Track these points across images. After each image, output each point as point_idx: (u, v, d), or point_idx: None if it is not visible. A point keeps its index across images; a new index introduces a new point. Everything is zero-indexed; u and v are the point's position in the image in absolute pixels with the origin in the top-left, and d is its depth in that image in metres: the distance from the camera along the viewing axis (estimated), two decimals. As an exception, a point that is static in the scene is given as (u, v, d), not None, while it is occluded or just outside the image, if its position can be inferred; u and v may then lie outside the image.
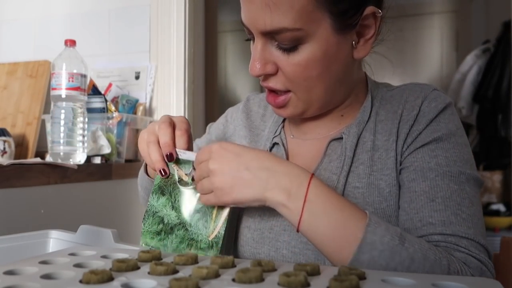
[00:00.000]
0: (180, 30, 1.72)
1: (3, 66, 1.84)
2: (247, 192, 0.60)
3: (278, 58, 0.64)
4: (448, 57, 3.71)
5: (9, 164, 1.11)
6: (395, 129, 0.69)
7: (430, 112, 0.68)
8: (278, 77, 0.66)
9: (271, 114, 0.84)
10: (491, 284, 0.44)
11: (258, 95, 0.90)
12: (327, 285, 0.42)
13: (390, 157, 0.68)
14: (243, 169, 0.60)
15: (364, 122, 0.72)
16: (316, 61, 0.63)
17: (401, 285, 0.43)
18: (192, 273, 0.44)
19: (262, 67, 0.65)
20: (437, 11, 3.74)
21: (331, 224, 0.57)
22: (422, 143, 0.67)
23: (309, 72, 0.64)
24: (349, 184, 0.68)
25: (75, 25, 1.87)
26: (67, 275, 0.45)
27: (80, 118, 1.36)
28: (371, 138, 0.70)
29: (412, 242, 0.57)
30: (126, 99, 1.66)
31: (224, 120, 0.90)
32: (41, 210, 1.21)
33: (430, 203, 0.63)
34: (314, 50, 0.63)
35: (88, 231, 0.70)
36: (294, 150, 0.77)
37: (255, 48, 0.65)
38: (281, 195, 0.58)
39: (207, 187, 0.63)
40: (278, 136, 0.78)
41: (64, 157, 1.33)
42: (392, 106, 0.72)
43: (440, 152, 0.66)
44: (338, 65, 0.66)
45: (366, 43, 0.67)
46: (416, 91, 0.71)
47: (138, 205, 1.63)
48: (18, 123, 1.69)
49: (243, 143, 0.83)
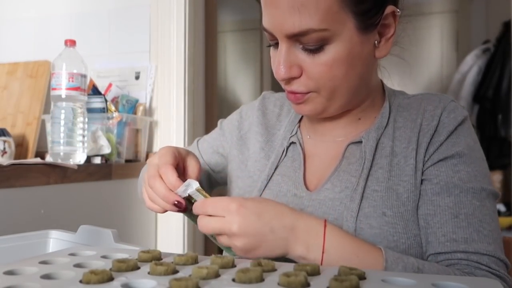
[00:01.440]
0: (180, 30, 1.72)
1: (3, 66, 1.84)
2: (271, 252, 0.60)
3: (303, 60, 0.65)
4: (448, 57, 3.71)
5: (9, 164, 1.11)
6: (415, 138, 0.71)
7: (449, 123, 0.70)
8: (302, 80, 0.67)
9: (287, 113, 0.84)
10: (491, 284, 0.44)
11: (273, 94, 0.90)
12: (327, 285, 0.42)
13: (409, 164, 0.70)
14: (268, 231, 0.59)
15: (383, 128, 0.73)
16: (342, 60, 0.64)
17: (401, 285, 0.43)
18: (192, 273, 0.44)
19: (287, 70, 0.65)
20: (437, 11, 3.74)
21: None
22: (444, 155, 0.69)
23: (335, 71, 0.65)
24: (368, 187, 0.69)
25: (75, 25, 1.87)
26: (67, 275, 0.45)
27: (80, 118, 1.36)
28: (389, 144, 0.72)
29: (431, 272, 0.59)
30: (126, 99, 1.66)
31: (239, 116, 0.89)
32: (41, 210, 1.21)
33: (454, 219, 0.66)
34: (339, 50, 0.64)
35: (88, 231, 0.70)
36: (311, 151, 0.78)
37: (280, 52, 0.66)
38: (301, 250, 0.60)
39: (227, 244, 0.61)
40: (294, 136, 0.79)
41: (64, 157, 1.33)
42: (410, 114, 0.73)
43: (462, 167, 0.68)
44: (361, 64, 0.67)
45: (387, 42, 0.69)
46: (434, 101, 0.73)
47: (138, 205, 1.63)
48: (18, 123, 1.69)
49: (259, 140, 0.83)
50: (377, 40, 0.68)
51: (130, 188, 1.59)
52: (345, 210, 0.67)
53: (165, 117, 1.72)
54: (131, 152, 1.63)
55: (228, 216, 0.59)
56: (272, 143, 0.82)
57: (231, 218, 0.59)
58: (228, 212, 0.59)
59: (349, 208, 0.67)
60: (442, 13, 3.74)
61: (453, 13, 3.71)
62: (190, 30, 1.74)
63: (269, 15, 0.65)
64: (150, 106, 1.75)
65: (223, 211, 0.59)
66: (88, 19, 1.85)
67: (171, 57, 1.72)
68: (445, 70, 3.71)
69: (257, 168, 0.80)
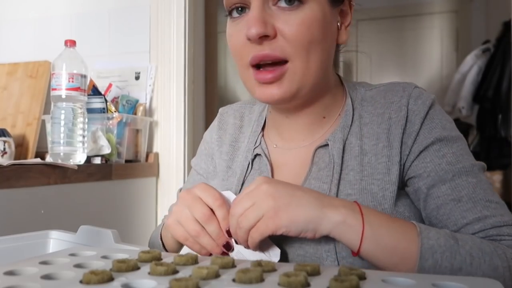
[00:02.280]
0: (180, 30, 1.72)
1: (3, 67, 1.84)
2: (304, 210, 0.57)
3: (279, 19, 0.63)
4: (448, 57, 3.71)
5: (9, 165, 1.11)
6: (385, 134, 0.68)
7: (419, 110, 0.68)
8: (277, 42, 0.63)
9: (249, 123, 0.81)
10: (491, 284, 0.44)
11: (231, 106, 0.86)
12: (327, 285, 0.42)
13: (381, 162, 0.67)
14: (297, 189, 0.58)
15: (348, 126, 0.70)
16: (318, 22, 0.63)
17: (401, 285, 0.43)
18: (192, 273, 0.44)
19: (262, 25, 0.61)
20: (437, 11, 3.75)
21: (391, 235, 0.57)
22: (424, 145, 0.67)
23: (311, 32, 0.63)
24: (341, 192, 0.66)
25: (75, 25, 1.87)
26: (67, 276, 0.45)
27: (80, 119, 1.36)
28: (357, 143, 0.69)
29: (465, 239, 0.58)
30: (126, 99, 1.66)
31: (204, 144, 0.86)
32: (41, 211, 1.21)
33: (458, 204, 0.64)
34: (315, 11, 0.63)
35: (88, 232, 0.70)
36: (278, 161, 0.74)
37: (252, 10, 0.63)
38: (339, 212, 0.57)
39: (254, 216, 0.57)
40: (259, 147, 0.75)
41: (64, 157, 1.33)
42: (375, 108, 0.71)
43: (446, 150, 0.66)
44: (331, 38, 0.68)
45: (345, 29, 0.70)
46: (398, 91, 0.70)
47: (138, 205, 1.63)
48: (18, 123, 1.70)
49: (224, 159, 0.79)
50: (339, 23, 0.69)
51: (130, 188, 1.59)
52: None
53: (165, 117, 1.73)
54: (131, 152, 1.63)
55: (256, 184, 0.59)
56: (237, 157, 0.78)
57: (260, 182, 0.58)
58: (255, 182, 0.59)
59: None
60: (442, 13, 3.74)
61: (453, 13, 3.72)
62: (190, 30, 1.74)
63: None
64: (150, 106, 1.75)
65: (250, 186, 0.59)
66: (88, 19, 1.85)
67: (171, 57, 1.72)
68: (445, 70, 3.71)
69: (225, 187, 0.75)
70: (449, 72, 3.64)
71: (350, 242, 0.58)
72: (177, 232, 0.62)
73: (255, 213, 0.57)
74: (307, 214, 0.56)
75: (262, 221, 0.57)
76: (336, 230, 0.57)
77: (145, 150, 1.70)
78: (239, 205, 0.59)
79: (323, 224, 0.57)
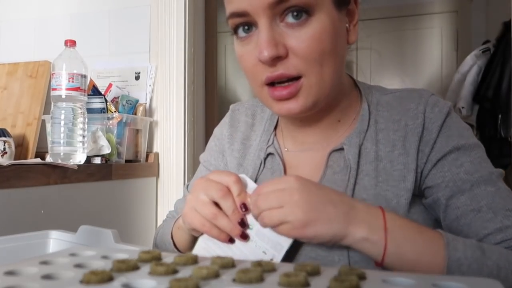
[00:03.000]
0: (180, 30, 1.72)
1: (3, 67, 1.84)
2: (331, 227, 0.57)
3: (288, 37, 0.61)
4: (448, 57, 3.71)
5: (9, 165, 1.11)
6: (400, 142, 0.68)
7: (436, 118, 0.68)
8: (289, 60, 0.62)
9: (260, 122, 0.80)
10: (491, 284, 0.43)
11: (242, 104, 0.85)
12: (327, 285, 0.42)
13: (396, 169, 0.67)
14: (327, 202, 0.57)
15: (364, 131, 0.70)
16: (328, 33, 0.62)
17: (401, 285, 0.43)
18: (192, 273, 0.44)
19: (273, 47, 0.60)
20: (437, 11, 3.74)
21: (415, 249, 0.57)
22: (442, 153, 0.66)
23: (323, 44, 0.62)
24: (356, 196, 0.66)
25: (75, 25, 1.87)
26: (67, 276, 0.45)
27: (80, 119, 1.36)
28: (373, 149, 0.69)
29: (491, 250, 0.58)
30: (126, 99, 1.66)
31: (215, 140, 0.85)
32: (41, 211, 1.21)
33: (478, 215, 0.63)
34: (324, 21, 0.62)
35: (88, 232, 0.70)
36: (291, 162, 0.74)
37: (261, 31, 0.61)
38: (363, 229, 0.57)
39: (279, 218, 0.57)
40: (271, 146, 0.75)
41: (64, 157, 1.33)
42: (391, 115, 0.70)
43: (463, 159, 0.66)
44: (342, 43, 0.66)
45: (354, 28, 0.69)
46: (414, 98, 0.70)
47: (138, 205, 1.63)
48: (18, 123, 1.69)
49: (236, 156, 0.79)
50: (347, 24, 0.67)
51: (130, 188, 1.59)
52: None
53: (165, 117, 1.73)
54: (131, 152, 1.63)
55: (288, 185, 0.57)
56: (249, 155, 0.78)
57: (292, 186, 0.57)
58: (287, 182, 0.58)
59: None
60: (442, 13, 3.74)
61: (453, 13, 3.71)
62: (190, 30, 1.74)
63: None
64: (150, 106, 1.75)
65: (282, 183, 0.58)
66: (88, 19, 1.85)
67: (171, 57, 1.72)
68: (445, 70, 3.71)
69: None
70: (449, 72, 3.64)
71: (372, 256, 0.58)
72: (193, 219, 0.62)
73: (281, 217, 0.57)
74: (333, 231, 0.57)
75: (287, 227, 0.57)
76: (357, 245, 0.58)
77: (145, 150, 1.70)
78: (266, 201, 0.58)
79: (345, 239, 0.58)
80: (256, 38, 0.63)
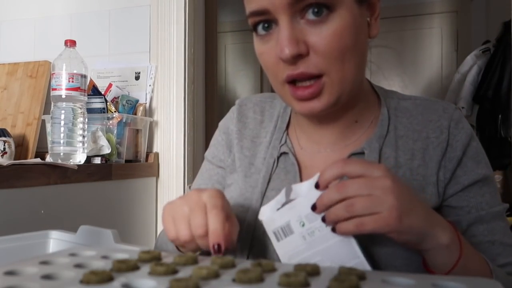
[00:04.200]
0: (180, 30, 1.72)
1: (3, 67, 1.84)
2: (422, 221, 0.53)
3: (309, 34, 0.60)
4: (448, 57, 3.71)
5: (9, 165, 1.11)
6: (420, 153, 0.68)
7: (460, 136, 0.68)
8: (310, 59, 0.61)
9: (270, 119, 0.78)
10: (491, 284, 0.43)
11: (249, 99, 0.83)
12: (327, 285, 0.42)
13: (415, 179, 0.67)
14: (415, 200, 0.54)
15: (383, 137, 0.69)
16: (349, 28, 0.61)
17: (401, 285, 0.43)
18: (192, 273, 0.44)
19: (295, 45, 0.59)
20: (437, 11, 3.75)
21: (476, 267, 0.59)
22: (473, 180, 0.68)
23: (344, 41, 0.61)
24: None
25: (75, 25, 1.87)
26: (67, 276, 0.45)
27: (80, 119, 1.36)
28: (393, 155, 0.68)
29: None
30: (126, 99, 1.66)
31: (222, 135, 0.81)
32: (41, 211, 1.21)
33: (491, 247, 0.67)
34: (344, 17, 0.61)
35: (88, 232, 0.70)
36: (306, 162, 0.72)
37: (282, 29, 0.60)
38: (447, 236, 0.55)
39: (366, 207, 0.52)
40: (285, 145, 0.73)
41: (64, 157, 1.33)
42: (411, 123, 0.70)
43: (486, 189, 0.69)
44: (363, 38, 0.65)
45: (375, 21, 0.67)
46: (437, 110, 0.70)
47: (138, 205, 1.63)
48: (18, 123, 1.70)
49: (246, 154, 0.76)
50: (368, 18, 0.66)
51: (130, 188, 1.59)
52: None
53: (165, 117, 1.73)
54: (131, 152, 1.63)
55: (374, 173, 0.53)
56: (260, 153, 0.75)
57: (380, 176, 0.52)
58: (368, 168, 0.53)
59: None
60: (442, 13, 3.74)
61: (453, 13, 3.71)
62: (190, 30, 1.74)
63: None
64: (150, 106, 1.75)
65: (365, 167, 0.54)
66: (88, 19, 1.85)
67: (171, 57, 1.72)
68: (445, 70, 3.71)
69: (248, 184, 0.73)
70: (449, 72, 3.64)
71: (441, 265, 0.57)
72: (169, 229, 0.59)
73: (370, 205, 0.52)
74: (423, 226, 0.54)
75: (379, 218, 0.51)
76: (435, 250, 0.56)
77: (145, 150, 1.70)
78: (351, 186, 0.53)
79: (429, 241, 0.55)
80: (277, 36, 0.62)
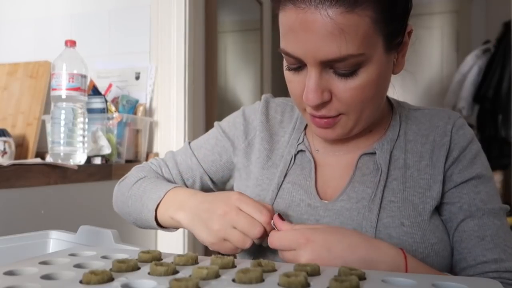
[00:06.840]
0: (180, 30, 1.72)
1: (3, 67, 1.84)
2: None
3: (335, 84, 0.63)
4: (448, 57, 3.71)
5: (9, 165, 1.11)
6: (428, 154, 0.72)
7: (460, 139, 0.73)
8: (332, 104, 0.65)
9: (289, 120, 0.82)
10: (491, 284, 0.43)
11: (274, 100, 0.86)
12: (327, 285, 0.42)
13: (423, 178, 0.71)
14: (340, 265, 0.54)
15: (394, 140, 0.74)
16: (373, 82, 0.63)
17: (401, 285, 0.43)
18: (192, 274, 0.44)
19: (319, 96, 0.63)
20: (437, 11, 3.75)
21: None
22: (466, 177, 0.71)
23: (366, 94, 0.64)
24: (385, 198, 0.70)
25: (75, 25, 1.87)
26: (67, 276, 0.45)
27: (80, 119, 1.36)
28: (402, 156, 0.73)
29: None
30: (126, 99, 1.66)
31: (243, 119, 0.84)
32: (41, 211, 1.21)
33: (481, 242, 0.69)
34: (371, 72, 0.63)
35: (88, 232, 0.70)
36: (321, 160, 0.77)
37: (310, 78, 0.63)
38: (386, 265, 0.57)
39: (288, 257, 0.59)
40: (302, 144, 0.77)
41: (64, 157, 1.33)
42: (420, 129, 0.75)
43: (481, 188, 0.71)
44: (386, 83, 0.69)
45: (402, 58, 0.70)
46: (444, 117, 0.75)
47: (138, 205, 1.62)
48: (18, 123, 1.70)
49: (265, 147, 0.80)
50: (395, 58, 0.68)
51: (130, 188, 1.58)
52: (364, 220, 0.67)
53: (165, 117, 1.73)
54: (131, 152, 1.63)
55: (298, 250, 0.58)
56: (277, 150, 0.80)
57: (301, 253, 0.57)
58: (298, 246, 0.58)
59: (367, 218, 0.67)
60: (442, 13, 3.74)
61: (453, 14, 3.72)
62: (190, 30, 1.74)
63: (300, 41, 0.61)
64: (150, 106, 1.75)
65: (292, 244, 0.58)
66: (88, 20, 1.85)
67: (171, 57, 1.72)
68: (445, 70, 3.71)
69: (265, 176, 0.78)
70: (449, 72, 3.64)
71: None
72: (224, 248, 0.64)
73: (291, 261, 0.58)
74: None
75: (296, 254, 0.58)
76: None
77: (145, 150, 1.70)
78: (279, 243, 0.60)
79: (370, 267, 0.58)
80: (305, 74, 0.64)
